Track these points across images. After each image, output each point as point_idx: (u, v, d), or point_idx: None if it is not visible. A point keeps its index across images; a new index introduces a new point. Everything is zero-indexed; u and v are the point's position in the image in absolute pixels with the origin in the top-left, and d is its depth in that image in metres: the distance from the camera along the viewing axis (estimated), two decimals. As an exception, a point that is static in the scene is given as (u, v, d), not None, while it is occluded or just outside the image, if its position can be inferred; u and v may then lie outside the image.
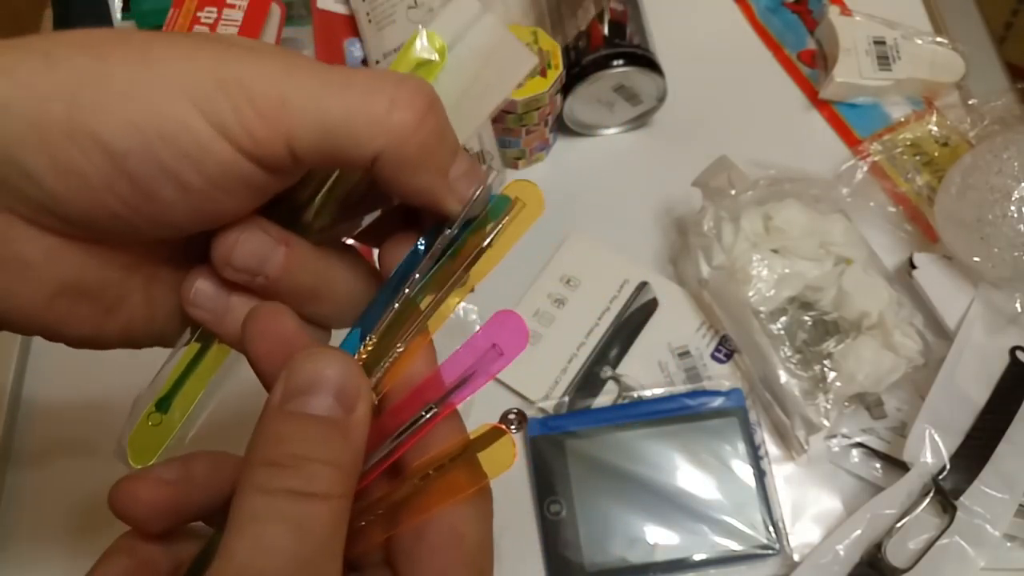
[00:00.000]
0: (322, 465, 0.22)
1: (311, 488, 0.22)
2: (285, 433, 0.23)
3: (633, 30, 0.59)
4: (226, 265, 0.25)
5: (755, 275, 0.52)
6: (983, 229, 0.52)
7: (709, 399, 0.52)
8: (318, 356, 0.24)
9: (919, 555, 0.46)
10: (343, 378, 0.23)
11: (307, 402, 0.23)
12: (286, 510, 0.22)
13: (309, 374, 0.23)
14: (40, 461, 0.53)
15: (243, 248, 0.25)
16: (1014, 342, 0.52)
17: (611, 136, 0.64)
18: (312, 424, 0.23)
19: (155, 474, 0.26)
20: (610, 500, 0.49)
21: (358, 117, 0.23)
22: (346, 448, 0.23)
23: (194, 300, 0.26)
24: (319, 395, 0.23)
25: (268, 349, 0.25)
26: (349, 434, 0.23)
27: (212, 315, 0.26)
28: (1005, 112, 0.61)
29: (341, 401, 0.23)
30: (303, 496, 0.22)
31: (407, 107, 0.23)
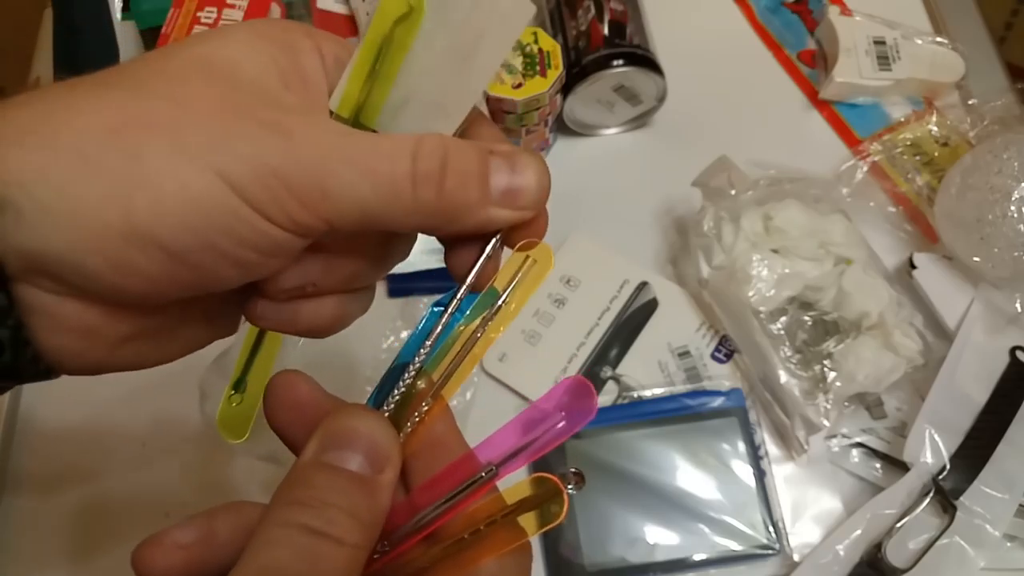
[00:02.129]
0: (343, 512, 0.23)
1: (328, 529, 0.23)
2: (313, 480, 0.24)
3: (633, 30, 0.59)
4: (278, 291, 0.26)
5: (755, 275, 0.52)
6: (983, 229, 0.52)
7: (709, 399, 0.52)
8: (355, 415, 0.25)
9: (919, 555, 0.46)
10: (376, 438, 0.25)
11: (339, 456, 0.24)
12: (300, 542, 0.22)
13: (345, 431, 0.25)
14: (37, 484, 0.52)
15: (289, 277, 0.26)
16: (1014, 342, 0.52)
17: (611, 136, 0.64)
18: (340, 476, 0.24)
19: (172, 538, 0.26)
20: (610, 500, 0.49)
21: (390, 201, 0.24)
22: (370, 505, 0.24)
23: (261, 315, 0.27)
24: (351, 451, 0.24)
25: (288, 418, 0.27)
26: (374, 493, 0.24)
27: (284, 322, 0.27)
28: (1005, 112, 0.61)
29: (371, 460, 0.24)
30: (319, 534, 0.23)
31: (425, 182, 0.24)
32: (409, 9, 0.25)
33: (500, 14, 0.25)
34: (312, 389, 0.27)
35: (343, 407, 0.26)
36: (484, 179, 0.25)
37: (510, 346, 0.55)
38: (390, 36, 0.25)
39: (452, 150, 0.24)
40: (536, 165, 0.26)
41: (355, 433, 0.25)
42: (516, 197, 0.25)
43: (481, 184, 0.25)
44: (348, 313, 0.28)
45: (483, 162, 0.25)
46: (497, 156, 0.25)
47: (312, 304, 0.27)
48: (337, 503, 0.23)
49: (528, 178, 0.25)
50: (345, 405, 0.26)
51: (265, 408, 0.27)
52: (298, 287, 0.26)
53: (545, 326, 0.55)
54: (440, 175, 0.24)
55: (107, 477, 0.52)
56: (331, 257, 0.26)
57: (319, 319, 0.27)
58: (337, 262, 0.26)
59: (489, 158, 0.25)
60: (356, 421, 0.25)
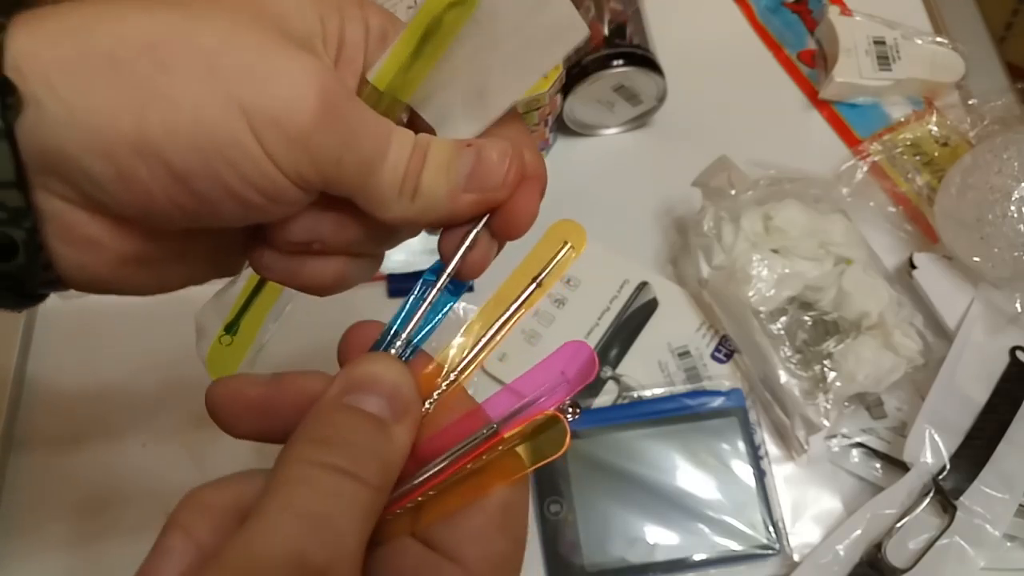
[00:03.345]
0: (367, 453, 0.23)
1: (355, 469, 0.23)
2: (338, 420, 0.24)
3: (633, 30, 0.59)
4: (284, 242, 0.26)
5: (755, 275, 0.52)
6: (983, 229, 0.52)
7: (709, 399, 0.52)
8: (379, 360, 0.25)
9: (919, 555, 0.46)
10: (398, 385, 0.25)
11: (361, 399, 0.24)
12: (327, 482, 0.22)
13: (368, 375, 0.25)
14: (44, 445, 0.53)
15: (295, 226, 0.26)
16: (1014, 342, 0.52)
17: (611, 136, 0.64)
18: (364, 418, 0.24)
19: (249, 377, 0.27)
20: (610, 500, 0.49)
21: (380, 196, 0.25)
22: (391, 449, 0.24)
23: (266, 264, 0.27)
24: (374, 395, 0.24)
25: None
26: (394, 437, 0.24)
27: (288, 275, 0.27)
28: (1005, 112, 0.61)
29: (392, 406, 0.24)
30: (346, 474, 0.23)
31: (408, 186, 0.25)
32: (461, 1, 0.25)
33: (554, 27, 0.25)
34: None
35: (367, 354, 0.26)
36: (451, 167, 0.25)
37: (510, 346, 0.55)
38: (440, 18, 0.25)
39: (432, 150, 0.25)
40: (499, 147, 0.26)
41: (378, 378, 0.25)
42: (479, 179, 0.26)
43: (448, 172, 0.25)
44: (351, 276, 0.28)
45: (451, 152, 0.26)
46: (465, 145, 0.26)
47: (317, 261, 0.27)
48: (361, 443, 0.23)
49: (490, 158, 0.26)
50: (368, 353, 0.26)
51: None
52: (305, 242, 0.26)
53: (545, 326, 0.55)
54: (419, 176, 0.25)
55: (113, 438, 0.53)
56: (342, 218, 0.26)
57: (321, 277, 0.27)
58: (348, 224, 0.26)
59: (457, 148, 0.26)
60: (379, 367, 0.25)
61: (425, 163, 0.25)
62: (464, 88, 0.26)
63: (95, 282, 0.25)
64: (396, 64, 0.25)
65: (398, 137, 0.25)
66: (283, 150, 0.23)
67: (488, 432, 0.26)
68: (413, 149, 0.25)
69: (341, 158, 0.24)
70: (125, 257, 0.25)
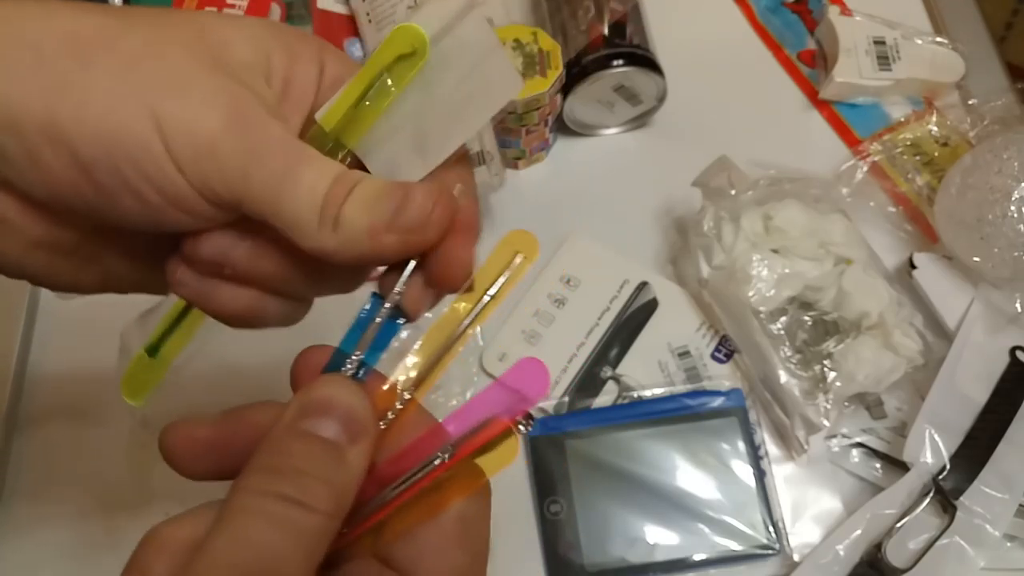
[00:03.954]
0: (317, 480, 0.23)
1: (303, 497, 0.23)
2: (290, 447, 0.24)
3: (633, 30, 0.59)
4: (194, 257, 0.26)
5: (755, 275, 0.52)
6: (983, 229, 0.52)
7: (709, 399, 0.52)
8: (332, 384, 0.25)
9: (919, 555, 0.46)
10: (353, 408, 0.25)
11: (316, 424, 0.24)
12: (275, 511, 0.22)
13: (321, 399, 0.25)
14: (46, 427, 0.54)
15: (207, 243, 0.26)
16: (1014, 342, 0.52)
17: (611, 136, 0.64)
18: (316, 444, 0.24)
19: (200, 418, 0.27)
20: (610, 500, 0.49)
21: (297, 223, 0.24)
22: (343, 473, 0.24)
23: (180, 281, 0.27)
24: (328, 419, 0.24)
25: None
26: (348, 462, 0.24)
27: (198, 296, 0.27)
28: (1005, 112, 0.61)
29: (347, 430, 0.24)
30: (294, 503, 0.22)
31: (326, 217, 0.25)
32: (413, 51, 0.26)
33: (494, 81, 0.26)
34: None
35: (321, 377, 0.26)
36: (375, 203, 0.25)
37: (510, 346, 0.55)
38: (390, 69, 0.26)
39: (360, 185, 0.25)
40: (426, 188, 0.25)
41: (332, 401, 0.25)
42: (402, 218, 0.25)
43: (372, 208, 0.25)
44: (268, 313, 0.27)
45: (380, 190, 0.25)
46: (393, 187, 0.25)
47: (230, 288, 0.26)
48: (311, 471, 0.23)
49: (415, 198, 0.25)
50: (323, 375, 0.26)
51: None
52: (215, 262, 0.26)
53: (545, 326, 0.55)
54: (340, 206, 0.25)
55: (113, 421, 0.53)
56: (260, 248, 0.26)
57: (232, 306, 0.27)
58: (266, 256, 0.26)
59: (387, 187, 0.25)
60: (333, 390, 0.25)
61: (350, 196, 0.25)
62: (407, 138, 0.27)
63: (6, 264, 0.26)
64: (342, 108, 0.26)
65: (318, 162, 0.25)
66: (190, 158, 0.23)
67: (444, 454, 0.26)
68: (336, 178, 0.25)
69: (248, 171, 0.24)
70: (36, 241, 0.25)
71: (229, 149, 0.23)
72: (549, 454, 0.51)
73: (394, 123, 0.27)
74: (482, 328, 0.56)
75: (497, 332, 0.55)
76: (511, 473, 0.51)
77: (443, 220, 0.26)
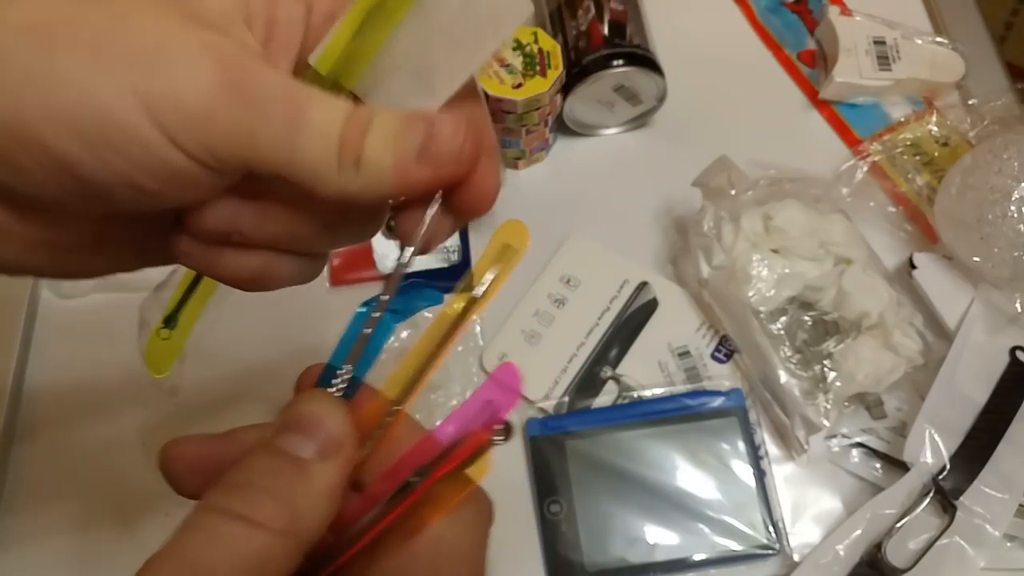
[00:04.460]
0: (270, 497, 0.22)
1: (250, 513, 0.22)
2: (251, 463, 0.23)
3: (633, 30, 0.59)
4: (200, 232, 0.25)
5: (755, 275, 0.52)
6: (983, 229, 0.52)
7: (709, 399, 0.52)
8: (308, 399, 0.25)
9: (919, 555, 0.46)
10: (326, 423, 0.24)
11: (288, 440, 0.24)
12: (218, 527, 0.22)
13: (296, 415, 0.24)
14: (44, 442, 0.54)
15: (212, 215, 0.24)
16: (1014, 342, 0.52)
17: (611, 136, 0.64)
18: (280, 460, 0.23)
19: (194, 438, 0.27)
20: (610, 500, 0.49)
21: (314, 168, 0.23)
22: (304, 490, 0.23)
23: (184, 250, 0.25)
24: (300, 435, 0.24)
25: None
26: (316, 478, 0.23)
27: (205, 265, 0.26)
28: (1005, 112, 0.61)
29: (319, 445, 0.24)
30: (238, 518, 0.22)
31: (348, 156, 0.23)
32: None
33: (498, 5, 0.24)
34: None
35: (301, 394, 0.25)
36: (399, 137, 0.23)
37: (510, 346, 0.55)
38: (383, 2, 0.24)
39: (376, 121, 0.23)
40: (452, 119, 0.24)
41: (306, 417, 0.24)
42: (432, 152, 0.24)
43: (396, 143, 0.23)
44: (281, 274, 0.26)
45: (399, 122, 0.24)
46: (415, 119, 0.24)
47: (236, 253, 0.25)
48: (266, 486, 0.23)
49: (443, 131, 0.24)
50: (305, 391, 0.26)
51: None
52: (222, 232, 0.24)
53: (545, 326, 0.55)
54: (360, 145, 0.23)
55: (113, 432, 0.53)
56: (267, 209, 0.25)
57: (243, 271, 0.26)
58: (274, 217, 0.25)
59: (406, 119, 0.24)
60: (308, 405, 0.24)
61: (369, 132, 0.23)
62: (410, 73, 0.25)
63: (6, 267, 0.24)
64: (338, 47, 0.24)
65: (325, 103, 0.23)
66: (187, 131, 0.21)
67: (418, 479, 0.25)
68: (349, 117, 0.23)
69: (253, 129, 0.22)
70: (34, 243, 0.24)
71: (227, 110, 0.21)
72: (549, 454, 0.51)
73: (395, 58, 0.25)
74: (482, 328, 0.56)
75: (497, 332, 0.55)
76: (511, 473, 0.51)
77: (474, 149, 0.24)
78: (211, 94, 0.21)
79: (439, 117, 0.24)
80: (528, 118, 0.57)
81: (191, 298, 0.39)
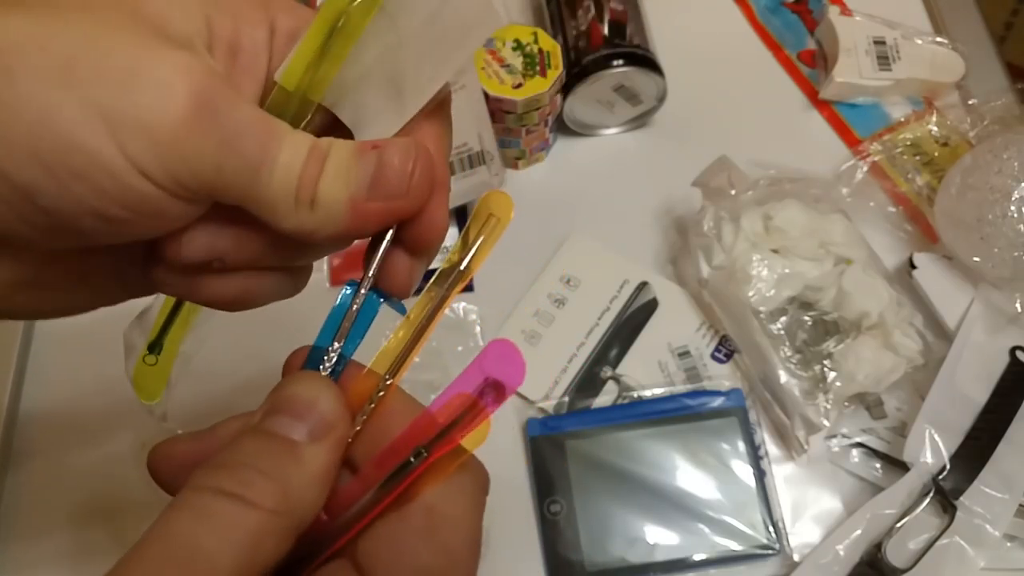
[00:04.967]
0: (261, 475, 0.22)
1: (240, 490, 0.21)
2: (242, 444, 0.23)
3: (633, 30, 0.59)
4: (177, 263, 0.24)
5: (755, 275, 0.52)
6: (983, 229, 0.52)
7: (709, 399, 0.52)
8: (299, 380, 0.24)
9: (919, 555, 0.46)
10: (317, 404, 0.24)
11: (278, 422, 0.23)
12: (207, 505, 0.21)
13: (286, 396, 0.24)
14: (42, 452, 0.53)
15: (189, 245, 0.23)
16: (1014, 342, 0.52)
17: (611, 136, 0.64)
18: (270, 441, 0.23)
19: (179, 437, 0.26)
20: (610, 500, 0.49)
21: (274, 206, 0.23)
22: (300, 471, 0.23)
23: (162, 280, 0.25)
24: (290, 417, 0.23)
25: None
26: (308, 459, 0.23)
27: (186, 292, 0.25)
28: (1005, 112, 0.61)
29: (310, 427, 0.23)
30: (228, 495, 0.21)
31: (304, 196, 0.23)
32: None
33: (467, 18, 0.24)
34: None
35: (288, 376, 0.25)
36: (351, 172, 0.23)
37: (510, 346, 0.55)
38: (346, 12, 0.24)
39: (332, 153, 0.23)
40: (401, 148, 0.23)
41: (295, 399, 0.24)
42: (381, 186, 0.23)
43: (348, 178, 0.23)
44: (263, 292, 0.26)
45: (352, 155, 0.23)
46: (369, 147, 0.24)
47: (218, 277, 0.25)
48: (257, 465, 0.22)
49: (392, 163, 0.23)
50: (292, 374, 0.25)
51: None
52: (201, 260, 0.24)
53: (545, 326, 0.55)
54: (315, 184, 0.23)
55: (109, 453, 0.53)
56: (243, 232, 0.24)
57: (224, 293, 0.25)
58: (250, 238, 0.24)
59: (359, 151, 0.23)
60: (298, 387, 0.24)
61: (324, 169, 0.23)
62: (379, 85, 0.25)
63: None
64: (303, 62, 0.24)
65: (292, 140, 0.23)
66: (153, 158, 0.20)
67: (417, 460, 0.24)
68: (309, 153, 0.23)
69: (221, 164, 0.21)
70: (12, 284, 0.23)
71: (197, 140, 0.21)
72: (549, 454, 0.51)
73: (362, 70, 0.25)
74: (482, 328, 0.56)
75: (497, 332, 0.55)
76: (511, 473, 0.51)
77: (423, 182, 0.24)
78: (181, 119, 0.20)
79: (388, 146, 0.24)
80: (528, 118, 0.57)
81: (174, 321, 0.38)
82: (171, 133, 0.20)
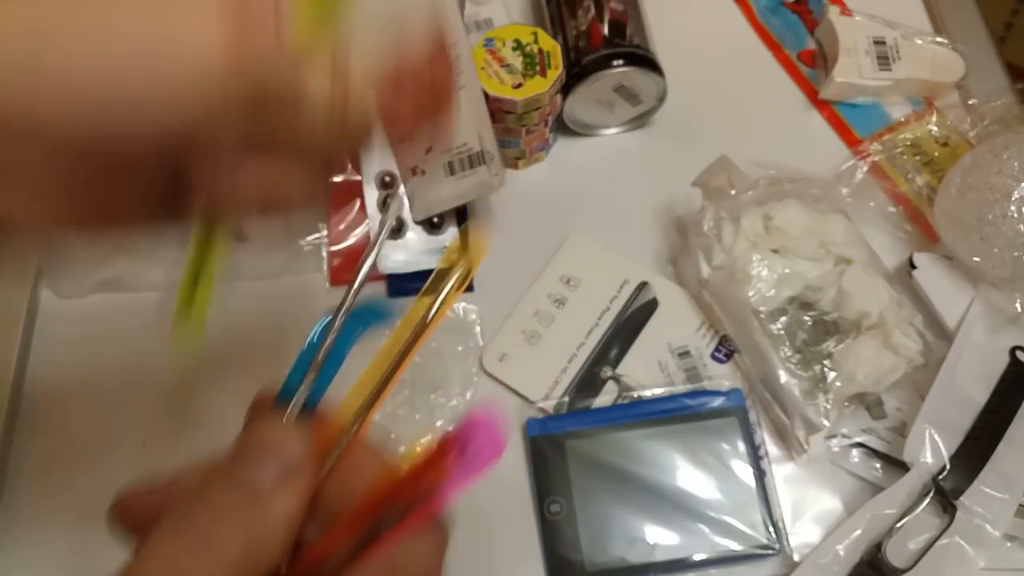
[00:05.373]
0: (225, 525, 0.22)
1: (203, 542, 0.22)
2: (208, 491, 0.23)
3: (633, 30, 0.59)
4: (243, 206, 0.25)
5: (755, 275, 0.52)
6: (983, 229, 0.52)
7: (709, 399, 0.52)
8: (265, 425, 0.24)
9: (919, 555, 0.46)
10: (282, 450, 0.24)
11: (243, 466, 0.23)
12: (169, 554, 0.22)
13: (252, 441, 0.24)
14: (44, 444, 0.53)
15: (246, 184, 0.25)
16: (1014, 342, 0.52)
17: (611, 136, 0.64)
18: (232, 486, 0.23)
19: (139, 487, 0.26)
20: (610, 500, 0.49)
21: None
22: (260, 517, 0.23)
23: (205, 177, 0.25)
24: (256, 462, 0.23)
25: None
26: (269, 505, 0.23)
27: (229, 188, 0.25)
28: (1005, 112, 0.61)
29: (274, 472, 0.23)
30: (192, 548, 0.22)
31: None
32: None
33: None
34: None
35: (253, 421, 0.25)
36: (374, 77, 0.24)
37: (510, 346, 0.55)
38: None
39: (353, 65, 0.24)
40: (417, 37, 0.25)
41: (261, 444, 0.24)
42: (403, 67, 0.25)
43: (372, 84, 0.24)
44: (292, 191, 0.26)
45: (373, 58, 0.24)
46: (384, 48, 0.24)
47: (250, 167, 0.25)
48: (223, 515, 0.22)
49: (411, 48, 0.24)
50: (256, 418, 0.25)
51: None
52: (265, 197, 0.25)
53: (545, 326, 0.55)
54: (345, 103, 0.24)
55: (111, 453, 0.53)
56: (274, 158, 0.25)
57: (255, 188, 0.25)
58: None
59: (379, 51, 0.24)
60: (265, 432, 0.24)
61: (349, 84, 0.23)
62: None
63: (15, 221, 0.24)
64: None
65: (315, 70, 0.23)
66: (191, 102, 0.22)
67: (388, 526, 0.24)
68: (333, 77, 0.23)
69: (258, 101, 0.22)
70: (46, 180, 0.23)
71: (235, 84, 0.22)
72: (549, 454, 0.51)
73: None
74: (482, 328, 0.56)
75: (497, 332, 0.55)
76: (511, 473, 0.51)
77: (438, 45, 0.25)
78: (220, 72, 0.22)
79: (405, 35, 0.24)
80: (528, 118, 0.57)
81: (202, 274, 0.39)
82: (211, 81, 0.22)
